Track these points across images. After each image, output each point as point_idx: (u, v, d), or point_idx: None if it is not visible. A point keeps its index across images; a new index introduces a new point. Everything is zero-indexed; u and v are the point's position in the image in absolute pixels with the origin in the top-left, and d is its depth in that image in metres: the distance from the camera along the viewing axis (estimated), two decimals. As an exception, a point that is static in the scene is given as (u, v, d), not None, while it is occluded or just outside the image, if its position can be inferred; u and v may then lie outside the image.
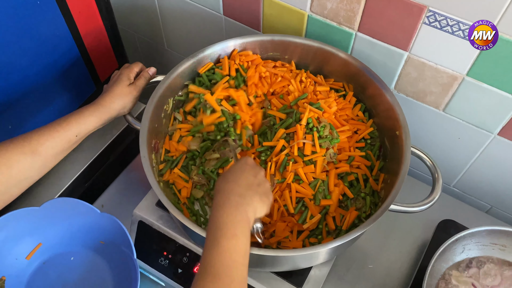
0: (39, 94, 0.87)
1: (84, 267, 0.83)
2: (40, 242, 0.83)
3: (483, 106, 0.81)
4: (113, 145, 1.03)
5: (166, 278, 0.79)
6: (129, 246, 0.76)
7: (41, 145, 0.69)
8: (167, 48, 1.23)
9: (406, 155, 0.72)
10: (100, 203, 0.96)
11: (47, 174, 0.94)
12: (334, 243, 0.64)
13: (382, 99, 0.80)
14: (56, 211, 0.80)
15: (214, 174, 0.79)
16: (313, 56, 0.86)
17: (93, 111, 0.75)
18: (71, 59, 0.90)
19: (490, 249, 0.81)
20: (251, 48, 0.87)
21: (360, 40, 0.84)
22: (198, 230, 0.66)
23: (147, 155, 0.73)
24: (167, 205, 0.68)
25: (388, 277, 0.86)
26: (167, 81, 0.80)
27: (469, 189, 0.99)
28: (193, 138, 0.82)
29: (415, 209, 0.71)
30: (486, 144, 0.87)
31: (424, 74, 0.82)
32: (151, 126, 0.77)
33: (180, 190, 0.79)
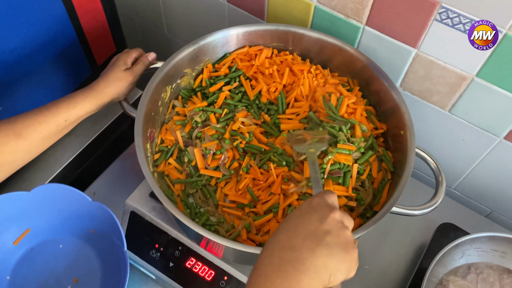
0: (32, 75, 0.84)
1: (72, 256, 0.81)
2: (29, 228, 0.81)
3: (490, 109, 0.78)
4: (107, 131, 1.00)
5: (157, 271, 0.77)
6: (119, 237, 0.74)
7: (26, 128, 0.67)
8: (168, 34, 1.19)
9: (410, 156, 0.70)
10: (92, 190, 0.94)
11: (37, 158, 0.92)
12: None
13: (387, 96, 0.77)
14: (46, 197, 0.78)
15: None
16: (318, 49, 0.84)
17: (85, 96, 0.73)
18: (67, 40, 0.87)
19: (490, 255, 0.79)
20: (254, 37, 0.84)
21: (368, 34, 0.81)
22: (191, 224, 0.63)
23: (141, 144, 0.71)
24: (161, 197, 0.66)
25: (383, 279, 0.84)
26: (165, 68, 0.77)
27: (470, 192, 0.97)
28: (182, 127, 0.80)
29: (417, 212, 0.69)
30: (491, 147, 0.85)
31: (432, 72, 0.79)
32: (148, 114, 0.75)
33: (173, 182, 0.76)
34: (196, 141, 0.78)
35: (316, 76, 0.83)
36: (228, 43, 0.84)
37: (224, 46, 0.84)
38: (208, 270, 0.75)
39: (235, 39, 0.84)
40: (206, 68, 0.85)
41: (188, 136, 0.79)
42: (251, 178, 0.74)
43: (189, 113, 0.79)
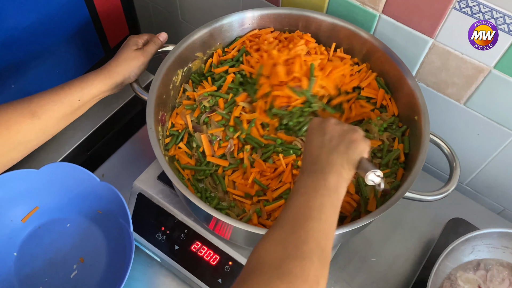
0: (45, 55, 0.84)
1: (79, 235, 0.81)
2: (37, 205, 0.81)
3: (507, 103, 0.76)
4: (118, 114, 1.00)
5: (162, 254, 0.77)
6: (126, 218, 0.74)
7: (40, 108, 0.67)
8: (181, 19, 1.19)
9: (424, 141, 0.69)
10: (101, 172, 0.94)
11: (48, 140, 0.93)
12: (339, 230, 0.61)
13: (402, 82, 0.75)
14: (55, 175, 0.78)
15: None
16: (332, 34, 0.82)
17: (97, 75, 0.73)
18: (80, 20, 0.87)
19: (501, 252, 0.77)
20: (267, 21, 0.83)
21: (384, 22, 0.80)
22: (202, 205, 0.62)
23: (153, 127, 0.70)
24: (172, 178, 0.65)
25: (390, 272, 0.83)
26: (177, 51, 0.77)
27: (482, 189, 0.95)
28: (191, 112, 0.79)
29: (430, 198, 0.68)
30: (506, 143, 0.83)
31: (448, 63, 0.78)
32: (159, 97, 0.74)
33: (183, 167, 0.76)
34: (203, 126, 0.77)
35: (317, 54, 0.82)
36: (241, 27, 0.83)
37: (236, 30, 0.83)
38: (213, 254, 0.75)
39: (249, 22, 0.83)
40: (216, 53, 0.84)
41: (197, 121, 0.79)
42: (257, 171, 0.73)
43: (198, 98, 0.79)
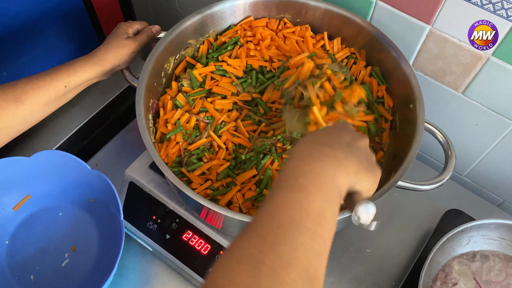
0: (37, 42, 0.83)
1: (71, 223, 0.81)
2: (29, 194, 0.81)
3: (507, 91, 0.75)
4: (114, 103, 0.99)
5: (153, 243, 0.77)
6: (117, 207, 0.73)
7: (25, 94, 0.67)
8: (179, 9, 1.17)
9: (419, 129, 0.67)
10: (96, 161, 0.93)
11: (43, 127, 0.92)
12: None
13: (397, 70, 0.74)
14: (46, 163, 0.78)
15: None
16: (327, 20, 0.81)
17: (85, 62, 0.72)
18: (73, 8, 0.86)
19: (498, 243, 0.76)
20: (261, 8, 0.82)
21: (380, 9, 0.78)
22: (191, 193, 0.62)
23: (142, 114, 0.69)
24: (161, 166, 0.64)
25: (385, 263, 0.81)
26: (169, 37, 0.76)
27: (481, 180, 0.94)
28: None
29: (424, 187, 0.66)
30: (506, 133, 0.81)
31: (446, 51, 0.76)
32: (150, 84, 0.73)
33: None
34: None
35: (314, 45, 0.81)
36: (234, 14, 0.82)
37: (230, 17, 0.82)
38: (204, 243, 0.74)
39: (242, 10, 0.81)
40: (207, 40, 0.83)
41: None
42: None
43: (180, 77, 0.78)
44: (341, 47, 0.82)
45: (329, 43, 0.82)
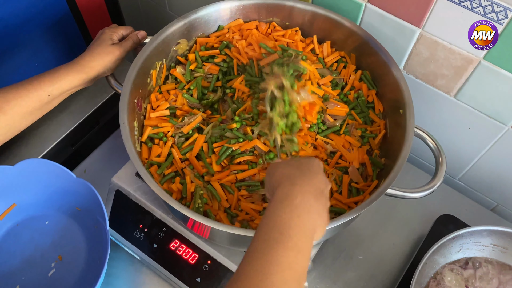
0: (22, 48, 0.82)
1: (58, 232, 0.80)
2: (14, 202, 0.80)
3: (498, 95, 0.73)
4: (102, 108, 0.98)
5: (140, 252, 0.75)
6: (102, 216, 0.72)
7: (7, 103, 0.65)
8: (169, 11, 1.16)
9: (408, 135, 0.66)
10: (84, 167, 0.92)
11: (30, 133, 0.91)
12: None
13: (387, 74, 0.73)
14: (31, 172, 0.76)
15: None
16: (316, 24, 0.80)
17: (69, 70, 0.70)
18: (58, 13, 0.85)
19: (490, 250, 0.75)
20: (249, 11, 0.80)
21: (370, 12, 0.77)
22: (176, 205, 0.61)
23: (126, 122, 0.68)
24: (144, 176, 0.63)
25: (377, 270, 0.80)
26: (154, 43, 0.74)
27: (475, 184, 0.92)
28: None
29: (414, 195, 0.65)
30: (499, 136, 0.79)
31: (437, 54, 0.74)
32: (135, 90, 0.72)
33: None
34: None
35: (304, 49, 0.80)
36: (221, 18, 0.80)
37: (217, 21, 0.81)
38: (192, 253, 0.73)
39: (229, 14, 0.80)
40: (196, 45, 0.81)
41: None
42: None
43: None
44: (331, 51, 0.81)
45: (318, 46, 0.81)
